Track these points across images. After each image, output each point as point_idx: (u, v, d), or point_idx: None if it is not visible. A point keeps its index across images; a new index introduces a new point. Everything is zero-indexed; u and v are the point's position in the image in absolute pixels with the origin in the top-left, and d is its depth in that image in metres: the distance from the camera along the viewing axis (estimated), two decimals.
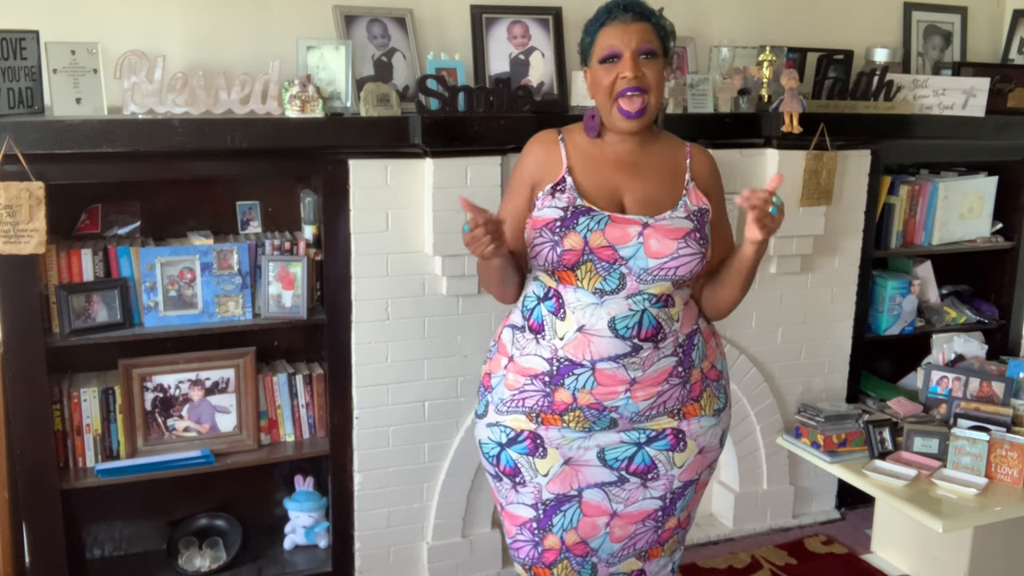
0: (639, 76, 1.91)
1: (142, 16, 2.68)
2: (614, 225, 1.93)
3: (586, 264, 1.92)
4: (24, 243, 2.36)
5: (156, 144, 2.44)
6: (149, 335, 2.63)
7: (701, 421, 2.06)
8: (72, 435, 2.65)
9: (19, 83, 2.40)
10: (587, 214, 1.94)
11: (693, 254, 1.94)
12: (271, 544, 2.99)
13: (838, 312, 3.40)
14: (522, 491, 2.06)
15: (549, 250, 1.93)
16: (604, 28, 1.96)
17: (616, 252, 1.91)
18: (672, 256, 1.91)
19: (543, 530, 2.06)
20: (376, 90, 2.64)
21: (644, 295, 1.93)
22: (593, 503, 2.04)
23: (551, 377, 1.98)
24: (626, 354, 1.93)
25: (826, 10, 3.53)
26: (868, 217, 3.34)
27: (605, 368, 1.94)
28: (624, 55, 1.92)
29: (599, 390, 1.95)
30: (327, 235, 2.73)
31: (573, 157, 2.02)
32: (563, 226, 1.93)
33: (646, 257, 1.91)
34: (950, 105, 3.33)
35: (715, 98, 3.07)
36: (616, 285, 1.92)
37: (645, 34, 1.94)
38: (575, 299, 1.95)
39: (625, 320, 1.92)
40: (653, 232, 1.92)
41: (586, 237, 1.91)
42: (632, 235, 1.92)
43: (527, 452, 2.03)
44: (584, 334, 1.93)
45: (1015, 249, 3.71)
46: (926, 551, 3.05)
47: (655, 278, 1.92)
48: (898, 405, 3.23)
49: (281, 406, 2.86)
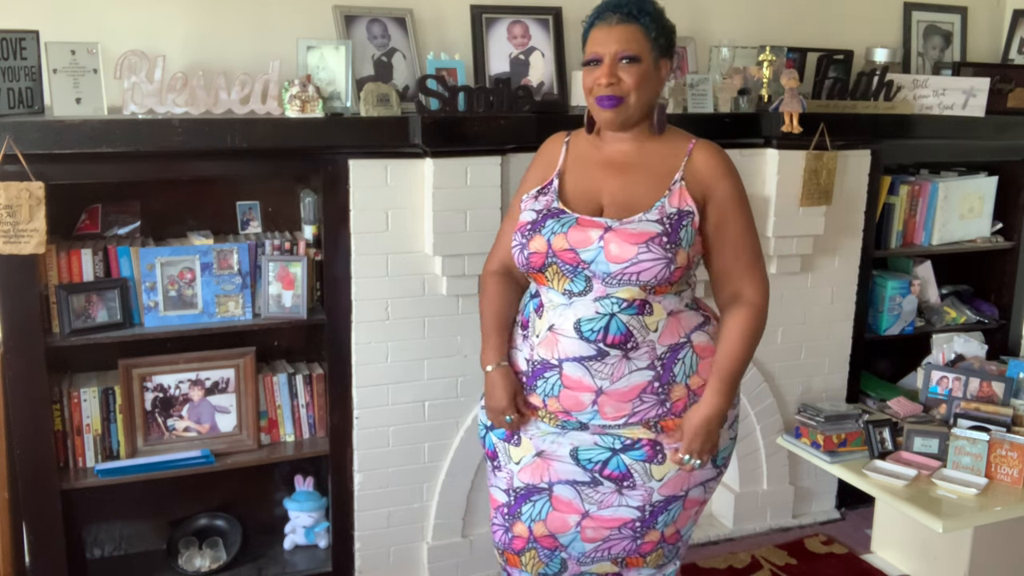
0: (613, 83, 1.89)
1: (142, 16, 2.68)
2: (578, 228, 1.91)
3: (552, 267, 1.92)
4: (24, 243, 2.36)
5: (156, 144, 2.44)
6: (149, 335, 2.63)
7: None
8: (72, 435, 2.65)
9: (19, 83, 2.40)
10: (556, 216, 1.94)
11: (655, 259, 1.86)
12: (271, 544, 2.99)
13: (838, 312, 3.40)
14: (498, 475, 2.12)
15: (519, 252, 1.96)
16: (592, 29, 1.94)
17: (577, 255, 1.89)
18: (632, 261, 1.86)
19: (512, 516, 2.09)
20: (376, 90, 2.64)
21: (612, 299, 1.89)
22: (564, 499, 2.03)
23: (527, 379, 2.01)
24: (591, 357, 1.90)
25: (826, 10, 3.53)
26: (868, 217, 3.34)
27: (571, 372, 1.93)
28: (604, 60, 1.90)
29: (566, 396, 1.94)
30: (327, 235, 2.73)
31: (570, 159, 2.03)
32: (531, 229, 1.95)
33: (607, 262, 1.87)
34: (950, 105, 3.33)
35: (715, 98, 3.07)
36: (583, 287, 1.91)
37: (629, 38, 1.89)
38: (549, 299, 1.97)
39: (591, 323, 1.90)
40: (613, 236, 1.88)
41: (549, 240, 1.91)
42: (593, 239, 1.89)
43: (504, 438, 2.08)
44: (553, 333, 1.94)
45: (1015, 249, 3.71)
46: (926, 551, 3.05)
47: (620, 282, 1.88)
48: (898, 405, 3.23)
49: (281, 406, 2.86)
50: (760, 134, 3.07)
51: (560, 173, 2.01)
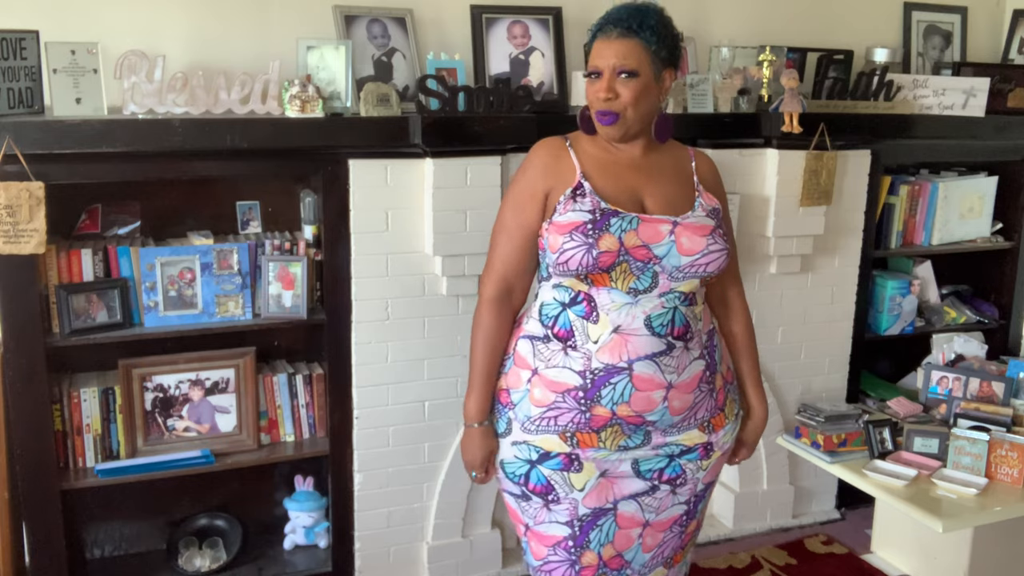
0: (611, 98, 1.90)
1: (142, 16, 2.68)
2: (645, 224, 1.92)
3: (622, 264, 1.90)
4: (24, 243, 2.36)
5: (156, 144, 2.44)
6: (149, 335, 2.63)
7: (726, 429, 2.07)
8: (72, 435, 2.65)
9: (19, 83, 2.40)
10: (616, 215, 1.91)
11: (721, 249, 1.95)
12: (271, 544, 2.99)
13: (838, 312, 3.40)
14: (556, 509, 1.99)
15: (584, 253, 1.89)
16: (595, 42, 1.95)
17: (651, 251, 1.90)
18: (703, 252, 1.92)
19: (580, 547, 2.00)
20: (376, 90, 2.64)
21: (675, 293, 1.93)
22: (627, 515, 2.02)
23: (585, 392, 1.92)
24: (662, 352, 1.91)
25: (826, 10, 3.53)
26: (868, 217, 3.34)
27: (642, 371, 1.91)
28: (603, 74, 1.92)
29: (637, 398, 1.92)
30: (327, 235, 2.73)
31: (585, 162, 1.99)
32: (595, 228, 1.90)
33: (679, 255, 1.91)
34: (950, 105, 3.33)
35: (715, 98, 3.07)
36: (649, 284, 1.91)
37: (627, 53, 1.90)
38: (608, 300, 1.91)
39: (660, 317, 1.91)
40: (683, 230, 1.93)
41: (620, 238, 1.89)
42: (664, 233, 1.92)
43: (561, 468, 1.97)
44: (620, 335, 1.90)
45: (1015, 249, 3.71)
46: (926, 551, 3.05)
47: (686, 275, 1.93)
48: (898, 405, 3.23)
49: (281, 406, 2.86)
50: (760, 134, 3.07)
51: (584, 175, 1.97)
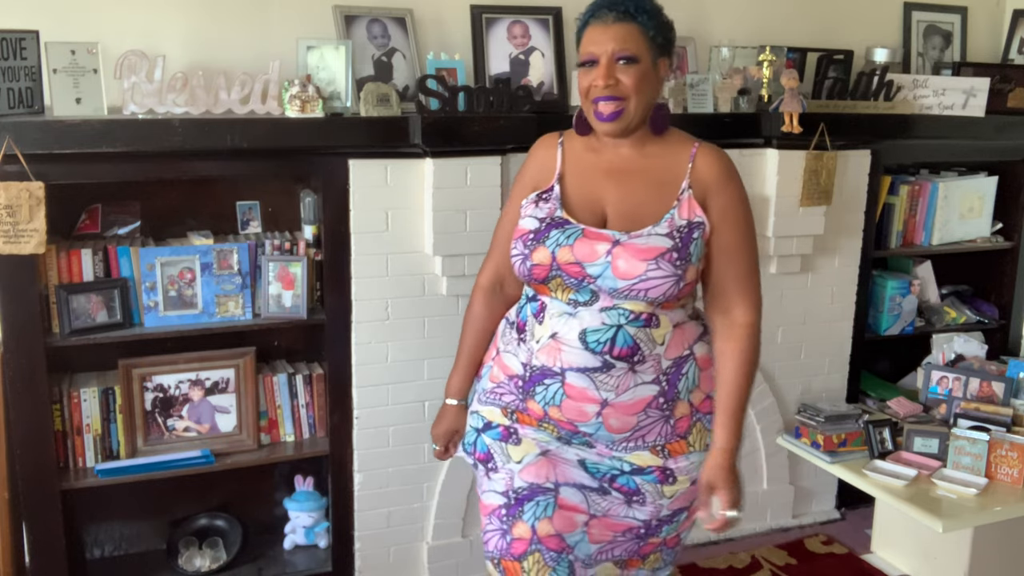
0: (611, 85, 1.78)
1: (142, 16, 2.68)
2: (584, 241, 1.81)
3: (556, 279, 1.83)
4: (24, 243, 2.36)
5: (156, 144, 2.44)
6: (149, 335, 2.63)
7: (691, 458, 1.90)
8: (72, 435, 2.65)
9: (19, 83, 2.40)
10: (560, 227, 1.84)
11: (665, 277, 1.78)
12: (271, 544, 2.99)
13: (838, 312, 3.40)
14: (494, 477, 1.97)
15: (520, 263, 1.87)
16: (587, 29, 1.84)
17: (584, 270, 1.80)
18: (640, 278, 1.77)
19: (513, 517, 1.92)
20: (376, 90, 2.64)
21: (619, 310, 1.80)
22: (570, 502, 1.93)
23: (524, 383, 1.90)
24: (596, 368, 1.81)
25: (826, 10, 3.53)
26: (868, 217, 3.34)
27: (575, 382, 1.83)
28: (600, 61, 1.80)
29: (569, 406, 1.85)
30: (327, 235, 2.73)
31: (569, 163, 1.93)
32: (535, 239, 1.85)
33: (614, 277, 1.78)
34: (950, 105, 3.33)
35: (715, 98, 3.07)
36: (589, 298, 1.82)
37: (625, 37, 1.79)
38: (552, 307, 1.86)
39: (596, 334, 1.81)
40: (622, 251, 1.79)
41: (554, 252, 1.82)
42: (600, 253, 1.80)
43: (500, 438, 1.96)
44: (556, 341, 1.84)
45: (1015, 249, 3.71)
46: (926, 551, 3.05)
47: (627, 297, 1.80)
48: (898, 405, 3.23)
49: (281, 406, 2.86)
50: (760, 134, 3.07)
51: (560, 178, 1.91)
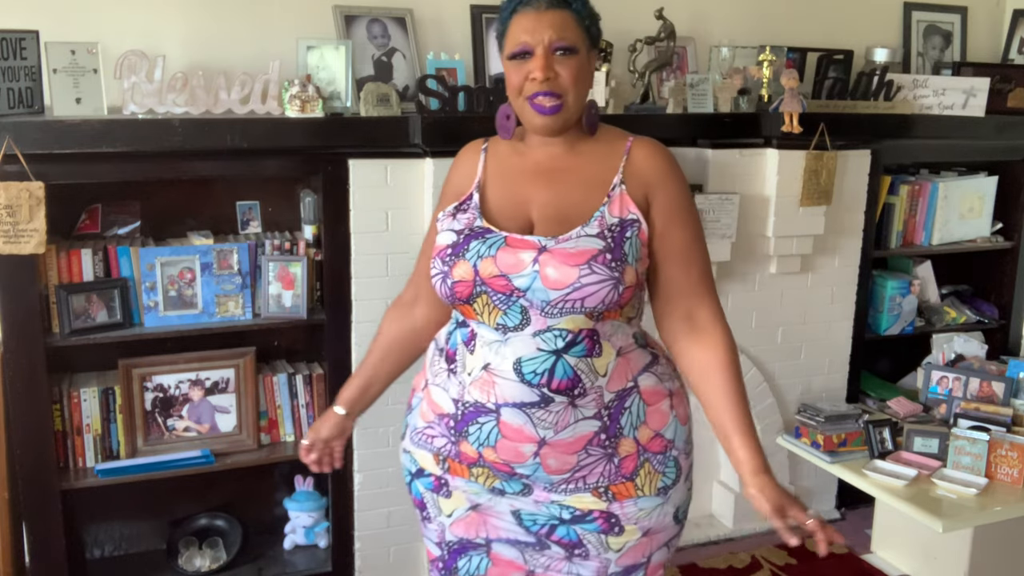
0: (551, 78, 1.61)
1: (142, 16, 2.68)
2: (507, 250, 1.62)
3: (481, 297, 1.63)
4: (24, 243, 2.36)
5: (156, 144, 2.44)
6: (149, 335, 2.63)
7: (639, 503, 1.69)
8: (72, 435, 2.65)
9: (19, 83, 2.40)
10: (480, 237, 1.65)
11: (601, 281, 1.58)
12: (271, 544, 2.99)
13: (838, 312, 3.40)
14: (428, 527, 1.86)
15: (440, 282, 1.67)
16: (515, 16, 1.65)
17: (510, 282, 1.60)
18: (573, 286, 1.57)
19: (449, 571, 1.84)
20: (376, 90, 2.64)
21: (555, 331, 1.60)
22: (505, 558, 1.77)
23: (456, 423, 1.69)
24: (534, 404, 1.61)
25: (826, 10, 3.53)
26: (868, 217, 3.34)
27: (511, 419, 1.63)
28: (535, 52, 1.61)
29: (504, 446, 1.64)
30: (327, 235, 2.73)
31: (490, 169, 1.75)
32: (453, 254, 1.66)
33: (544, 288, 1.58)
34: (950, 105, 3.33)
35: (715, 98, 3.07)
36: (519, 320, 1.62)
37: (562, 26, 1.62)
38: (482, 333, 1.66)
39: (533, 363, 1.60)
40: (550, 258, 1.59)
41: (475, 265, 1.62)
42: (526, 262, 1.60)
43: (432, 488, 1.80)
44: (490, 373, 1.64)
45: (1015, 249, 3.71)
46: (926, 551, 3.05)
47: (562, 311, 1.59)
48: (898, 405, 3.23)
49: (281, 406, 2.86)
50: (760, 134, 3.07)
51: (480, 185, 1.73)
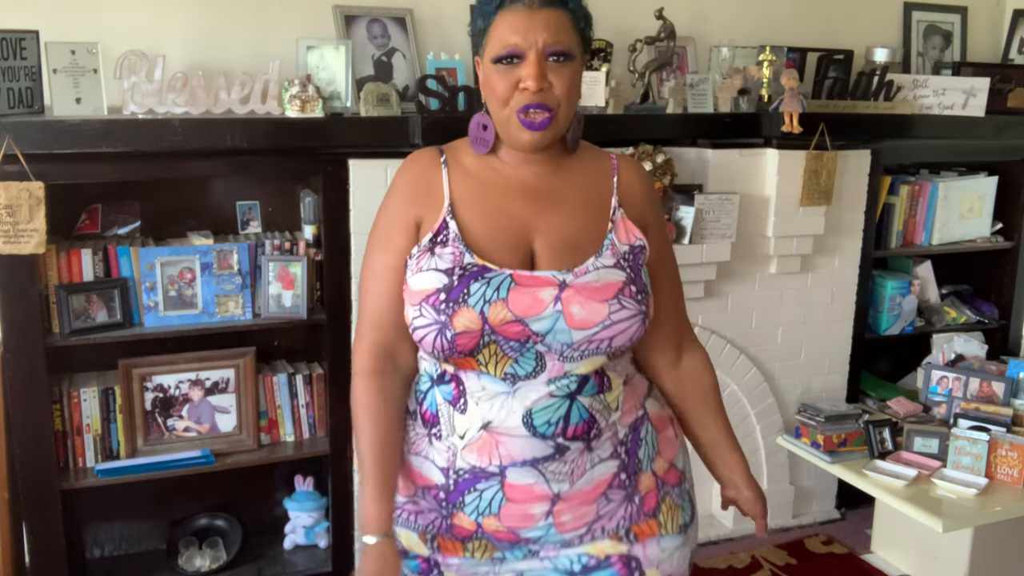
0: (544, 89, 1.40)
1: (142, 16, 2.68)
2: (520, 290, 1.40)
3: (489, 347, 1.41)
4: (24, 243, 2.36)
5: (156, 144, 2.44)
6: (149, 335, 2.63)
7: (662, 542, 1.53)
8: (72, 435, 2.64)
9: (19, 83, 2.40)
10: (480, 277, 1.41)
11: (632, 316, 1.43)
12: (271, 544, 2.99)
13: (838, 312, 3.40)
14: None
15: (436, 336, 1.41)
16: (502, 12, 1.42)
17: (527, 327, 1.40)
18: (602, 325, 1.41)
19: None
20: (376, 90, 2.64)
21: (571, 377, 1.44)
22: None
23: (447, 495, 1.47)
24: (547, 457, 1.43)
25: (826, 10, 3.53)
26: (868, 217, 3.34)
27: (519, 480, 1.44)
28: (527, 56, 1.40)
29: (510, 511, 1.45)
30: (327, 235, 2.73)
31: (459, 187, 1.49)
32: (449, 301, 1.40)
33: (569, 330, 1.40)
34: (950, 105, 3.33)
35: (715, 98, 3.07)
36: (533, 368, 1.42)
37: (557, 28, 1.41)
38: (479, 387, 1.44)
39: (546, 412, 1.42)
40: (574, 294, 1.41)
41: (483, 312, 1.39)
42: (546, 301, 1.40)
43: (420, 571, 1.55)
44: (491, 433, 1.43)
45: (1015, 249, 3.71)
46: (926, 551, 3.05)
47: (584, 354, 1.43)
48: (898, 405, 3.23)
49: (281, 406, 2.86)
50: (760, 134, 3.07)
51: (452, 210, 1.47)
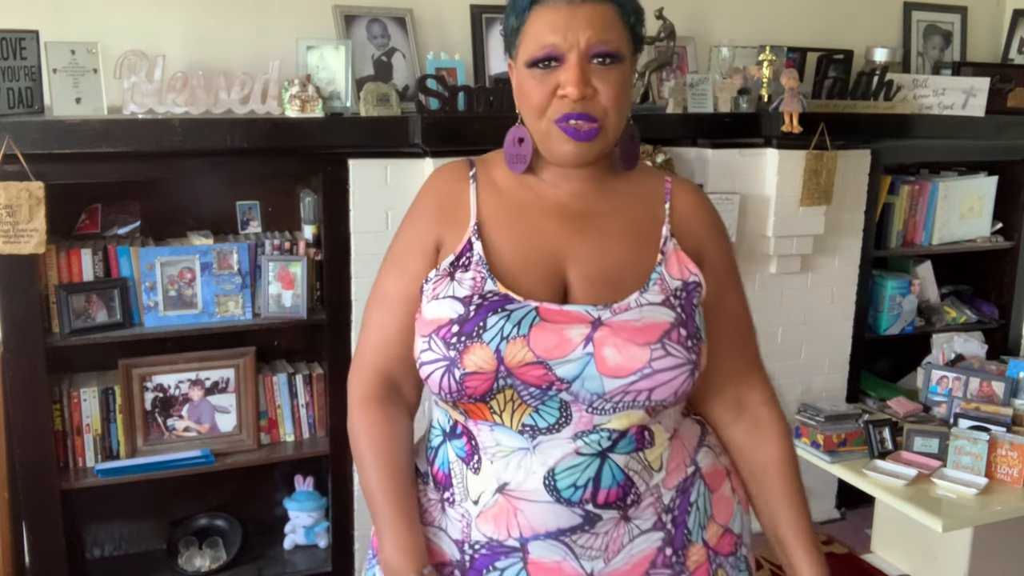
0: (588, 96, 1.20)
1: (142, 16, 2.68)
2: (545, 327, 1.20)
3: (504, 392, 1.21)
4: (24, 243, 2.36)
5: (156, 144, 2.44)
6: (149, 335, 2.63)
7: None
8: (72, 435, 2.64)
9: (19, 83, 2.39)
10: (500, 309, 1.21)
11: (678, 366, 1.20)
12: (271, 544, 2.99)
13: (838, 312, 3.40)
14: None
15: (443, 374, 1.21)
16: (537, 7, 1.22)
17: (550, 371, 1.18)
18: (641, 373, 1.19)
19: None
20: (376, 90, 2.64)
21: (602, 431, 1.21)
22: None
23: (463, 573, 1.28)
24: (575, 528, 1.22)
25: (826, 10, 3.53)
26: (868, 217, 3.34)
27: (543, 554, 1.23)
28: (567, 58, 1.20)
29: None
30: (327, 235, 2.73)
31: (488, 207, 1.30)
32: (462, 334, 1.20)
33: (600, 376, 1.18)
34: (950, 105, 3.33)
35: (715, 98, 3.07)
36: (556, 419, 1.21)
37: (603, 24, 1.20)
38: (492, 442, 1.24)
39: (571, 475, 1.20)
40: (610, 335, 1.20)
41: (500, 351, 1.18)
42: (576, 342, 1.19)
43: None
44: (508, 498, 1.22)
45: (1015, 249, 3.71)
46: (926, 551, 3.05)
47: (618, 406, 1.20)
48: (898, 405, 3.23)
49: (281, 406, 2.86)
50: (760, 134, 3.07)
51: (478, 230, 1.28)
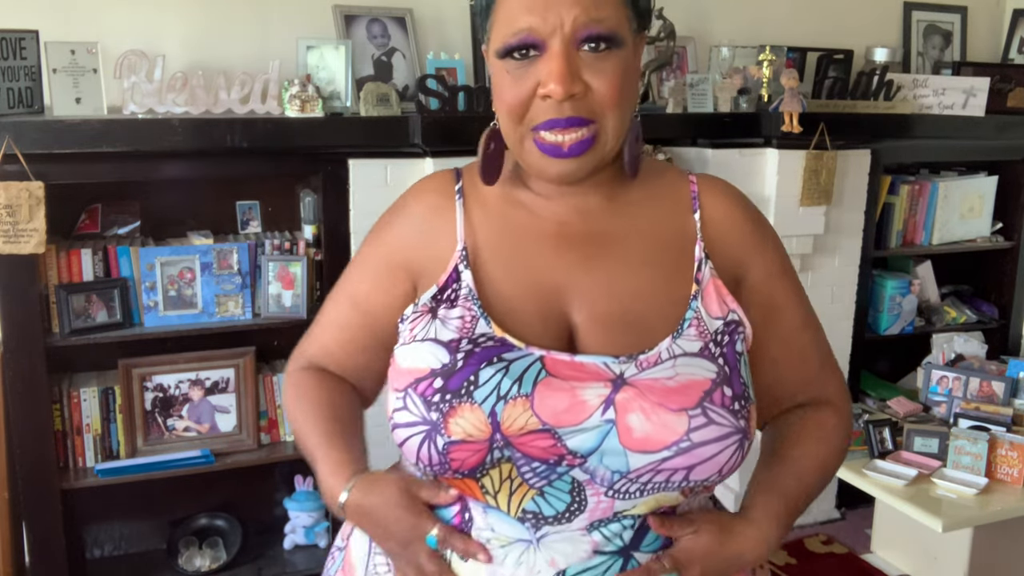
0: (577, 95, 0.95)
1: (142, 16, 2.68)
2: (554, 384, 0.96)
3: (500, 467, 0.97)
4: (24, 243, 2.36)
5: (156, 144, 2.43)
6: (149, 335, 2.63)
7: None
8: (72, 435, 2.64)
9: (19, 83, 2.39)
10: (497, 359, 0.98)
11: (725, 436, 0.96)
12: (271, 544, 2.99)
13: (838, 312, 3.40)
14: None
15: (423, 441, 0.97)
16: None
17: (560, 443, 0.95)
18: (678, 447, 0.94)
19: None
20: (376, 90, 2.64)
21: (624, 521, 0.98)
22: None
23: None
24: None
25: (826, 10, 3.53)
26: (868, 217, 3.34)
27: None
28: (549, 46, 0.95)
29: None
30: (327, 235, 2.73)
31: (479, 228, 1.07)
32: (447, 392, 0.97)
33: (623, 451, 0.94)
34: (950, 105, 3.33)
35: (715, 98, 3.07)
36: (567, 504, 0.97)
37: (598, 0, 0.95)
38: (485, 526, 1.00)
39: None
40: (636, 397, 0.96)
41: (496, 413, 0.95)
42: (593, 405, 0.95)
43: None
44: None
45: (1015, 249, 3.71)
46: (926, 551, 3.05)
47: (646, 489, 0.97)
48: (898, 405, 3.23)
49: (281, 406, 2.86)
50: (760, 134, 3.07)
51: (466, 256, 1.05)
